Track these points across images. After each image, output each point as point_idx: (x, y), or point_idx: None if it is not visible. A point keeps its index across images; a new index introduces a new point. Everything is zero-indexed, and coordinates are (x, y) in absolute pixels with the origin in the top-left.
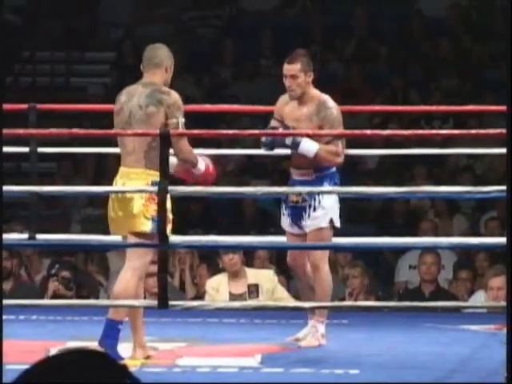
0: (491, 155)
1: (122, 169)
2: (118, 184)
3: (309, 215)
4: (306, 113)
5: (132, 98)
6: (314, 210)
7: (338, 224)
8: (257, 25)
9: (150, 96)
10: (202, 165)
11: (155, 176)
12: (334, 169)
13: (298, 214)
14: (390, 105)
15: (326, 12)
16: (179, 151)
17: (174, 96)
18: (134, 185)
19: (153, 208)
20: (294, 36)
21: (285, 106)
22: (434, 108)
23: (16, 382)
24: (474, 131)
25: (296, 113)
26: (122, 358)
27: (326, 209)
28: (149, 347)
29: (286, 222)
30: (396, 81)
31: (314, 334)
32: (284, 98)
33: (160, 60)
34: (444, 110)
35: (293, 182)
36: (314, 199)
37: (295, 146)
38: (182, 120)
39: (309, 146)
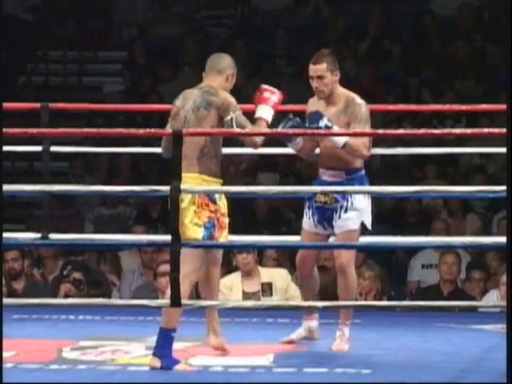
0: (503, 154)
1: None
2: None
3: (339, 216)
4: (335, 112)
5: (188, 102)
6: (346, 211)
7: (369, 226)
8: (270, 24)
9: (201, 99)
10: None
11: (209, 181)
12: (363, 171)
13: (326, 214)
14: (403, 104)
15: (339, 11)
16: (248, 143)
17: (222, 95)
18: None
19: (205, 215)
20: (307, 35)
21: (313, 108)
22: (446, 107)
23: None
24: (486, 130)
25: (325, 113)
26: (179, 362)
27: (359, 211)
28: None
29: (308, 221)
30: (409, 80)
31: (342, 337)
32: (312, 101)
33: (223, 67)
34: (456, 110)
35: (320, 183)
36: (347, 200)
37: (327, 129)
38: (234, 115)
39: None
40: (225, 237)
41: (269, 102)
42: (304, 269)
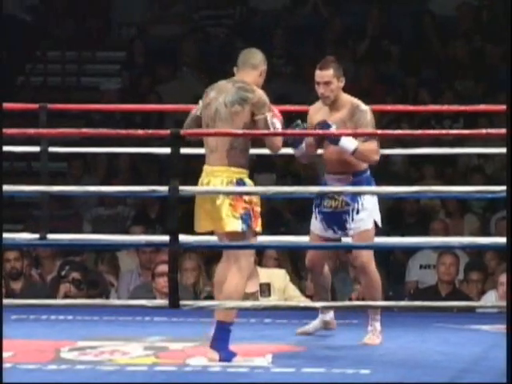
0: (502, 155)
1: (205, 167)
2: (204, 182)
3: (352, 219)
4: (339, 118)
5: (221, 94)
6: (358, 212)
7: (380, 224)
8: (268, 24)
9: (236, 94)
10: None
11: (239, 173)
12: (368, 172)
13: (337, 218)
14: (402, 104)
15: (338, 11)
16: (270, 146)
17: (258, 93)
18: (218, 182)
19: (241, 206)
20: (306, 35)
21: (316, 114)
22: (444, 108)
23: None
24: (484, 131)
25: (329, 119)
26: (236, 355)
27: (369, 210)
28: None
29: (318, 225)
30: (407, 80)
31: (374, 332)
32: (316, 106)
33: (258, 62)
34: (454, 110)
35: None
36: (357, 202)
37: (335, 141)
38: (269, 115)
39: (349, 142)
40: (259, 226)
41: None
42: (315, 269)
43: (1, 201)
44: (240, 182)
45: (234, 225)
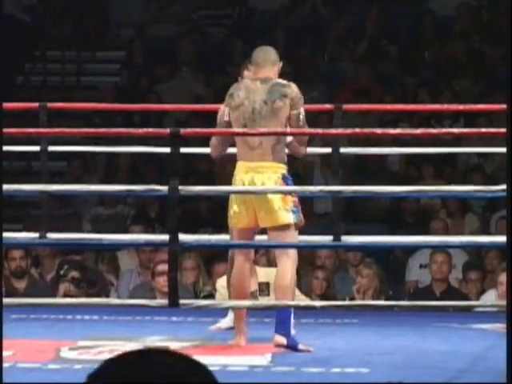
0: (502, 154)
1: (243, 163)
2: (245, 179)
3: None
4: None
5: (253, 93)
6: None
7: None
8: (267, 24)
9: (274, 90)
10: None
11: (283, 169)
12: None
13: None
14: (401, 104)
15: (337, 11)
16: (298, 146)
17: (295, 88)
18: (265, 178)
19: (290, 199)
20: (305, 35)
21: None
22: (444, 107)
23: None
24: (484, 130)
25: None
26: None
27: None
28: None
29: None
30: (407, 80)
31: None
32: None
33: (276, 59)
34: (454, 110)
35: None
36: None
37: None
38: (302, 111)
39: None
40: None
41: None
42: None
43: (1, 200)
44: (285, 178)
45: (288, 218)
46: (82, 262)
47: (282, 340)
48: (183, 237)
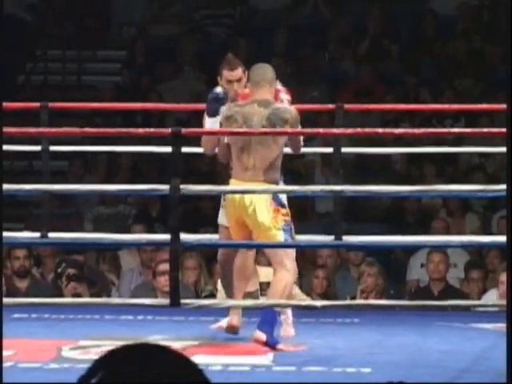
0: (503, 154)
1: (236, 182)
2: (236, 196)
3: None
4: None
5: (251, 118)
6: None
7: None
8: (269, 24)
9: (274, 117)
10: None
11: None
12: None
13: None
14: (402, 103)
15: (338, 11)
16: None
17: (292, 111)
18: (255, 197)
19: (281, 219)
20: (307, 35)
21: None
22: (445, 107)
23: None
24: (485, 130)
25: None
26: (279, 343)
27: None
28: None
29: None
30: (408, 80)
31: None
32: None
33: (272, 77)
34: (455, 109)
35: None
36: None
37: None
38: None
39: None
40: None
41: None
42: (227, 266)
43: (1, 200)
44: (276, 198)
45: (278, 236)
46: (83, 261)
47: (262, 336)
48: (184, 236)
